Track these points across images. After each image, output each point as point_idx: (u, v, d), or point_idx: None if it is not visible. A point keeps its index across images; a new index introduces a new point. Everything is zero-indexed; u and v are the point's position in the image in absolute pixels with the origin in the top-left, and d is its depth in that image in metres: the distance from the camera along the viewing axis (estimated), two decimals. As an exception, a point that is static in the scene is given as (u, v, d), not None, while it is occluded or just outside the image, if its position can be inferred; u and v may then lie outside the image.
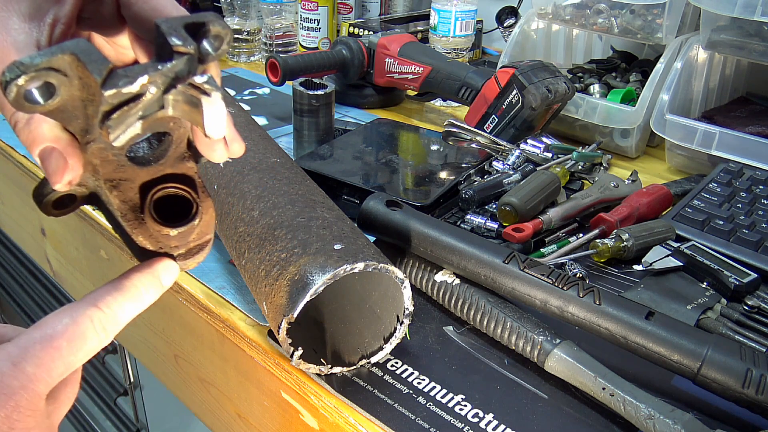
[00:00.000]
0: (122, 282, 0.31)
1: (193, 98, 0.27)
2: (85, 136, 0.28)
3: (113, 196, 0.30)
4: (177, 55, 0.26)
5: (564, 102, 0.81)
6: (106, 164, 0.29)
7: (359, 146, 0.73)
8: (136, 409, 0.94)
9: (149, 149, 0.30)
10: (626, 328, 0.42)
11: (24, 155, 0.75)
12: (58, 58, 0.25)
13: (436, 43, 1.03)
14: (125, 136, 0.26)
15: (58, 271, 0.80)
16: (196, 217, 0.31)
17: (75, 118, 0.27)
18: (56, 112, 0.26)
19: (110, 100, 0.25)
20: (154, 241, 0.31)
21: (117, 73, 0.25)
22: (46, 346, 0.28)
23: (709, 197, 0.65)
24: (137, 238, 0.31)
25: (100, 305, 0.30)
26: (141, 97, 0.26)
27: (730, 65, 0.88)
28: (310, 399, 0.43)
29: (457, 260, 0.49)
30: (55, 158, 0.28)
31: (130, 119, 0.26)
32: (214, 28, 0.27)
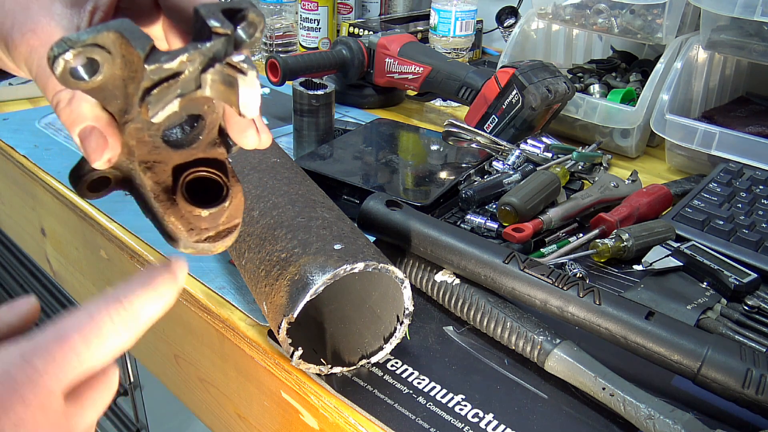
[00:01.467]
0: (143, 278, 0.30)
1: (229, 77, 0.28)
2: (123, 116, 0.29)
3: (147, 178, 0.31)
4: (215, 36, 0.27)
5: (564, 102, 0.81)
6: (141, 145, 0.30)
7: (359, 146, 0.73)
8: (136, 409, 0.94)
9: (183, 133, 0.31)
10: (626, 328, 0.42)
11: (24, 155, 0.75)
12: (103, 34, 0.26)
13: (436, 43, 1.03)
14: (164, 113, 0.28)
15: (58, 271, 0.80)
16: (226, 199, 0.32)
17: (115, 97, 0.28)
18: (98, 90, 0.27)
19: (151, 76, 0.27)
20: (186, 222, 0.32)
21: (158, 51, 0.27)
22: (59, 340, 0.27)
23: (709, 197, 0.65)
24: (169, 218, 0.31)
25: (121, 300, 0.29)
26: (180, 75, 0.27)
27: (730, 65, 0.88)
28: (310, 399, 0.43)
29: (457, 260, 0.49)
30: (96, 137, 0.29)
31: (168, 96, 0.27)
32: (249, 15, 0.29)
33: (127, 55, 0.27)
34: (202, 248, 0.33)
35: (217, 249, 0.33)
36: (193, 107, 0.30)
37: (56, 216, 0.72)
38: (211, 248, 0.33)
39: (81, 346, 0.27)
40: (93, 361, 0.28)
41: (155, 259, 0.57)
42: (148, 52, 0.26)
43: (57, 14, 0.31)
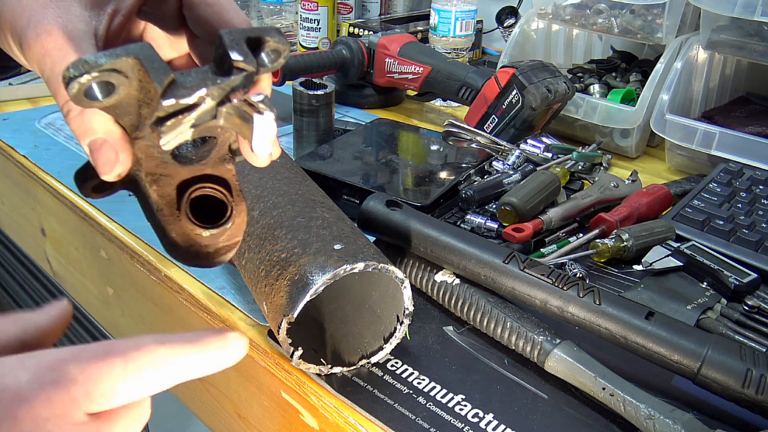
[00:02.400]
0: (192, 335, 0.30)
1: (245, 114, 0.28)
2: (134, 131, 0.29)
3: (152, 190, 0.30)
4: (236, 71, 0.27)
5: (564, 102, 0.81)
6: (150, 159, 0.30)
7: (359, 146, 0.73)
8: (136, 409, 0.94)
9: (193, 148, 0.31)
10: (626, 328, 0.42)
11: (24, 155, 0.75)
12: (122, 60, 0.25)
13: (436, 43, 1.03)
14: (175, 141, 0.28)
15: (58, 271, 0.80)
16: (229, 220, 0.32)
17: (128, 114, 0.28)
18: (111, 108, 0.27)
19: (168, 109, 0.26)
20: (186, 238, 0.32)
21: (176, 83, 0.26)
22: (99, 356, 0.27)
23: (709, 197, 0.65)
24: (170, 232, 0.31)
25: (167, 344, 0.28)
26: (196, 107, 0.27)
27: (730, 65, 0.88)
28: (310, 399, 0.43)
29: (457, 260, 0.49)
30: (106, 151, 0.28)
31: (182, 126, 0.27)
32: (274, 43, 0.28)
33: (144, 82, 0.26)
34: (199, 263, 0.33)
35: (213, 265, 0.33)
36: (206, 133, 0.29)
37: (56, 216, 0.72)
38: (207, 264, 0.33)
39: (119, 368, 0.27)
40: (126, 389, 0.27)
41: (155, 259, 0.57)
42: (167, 86, 0.26)
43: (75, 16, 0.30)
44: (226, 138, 0.31)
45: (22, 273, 1.05)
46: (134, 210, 0.64)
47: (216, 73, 0.28)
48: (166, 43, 0.37)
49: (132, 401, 0.28)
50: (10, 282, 1.12)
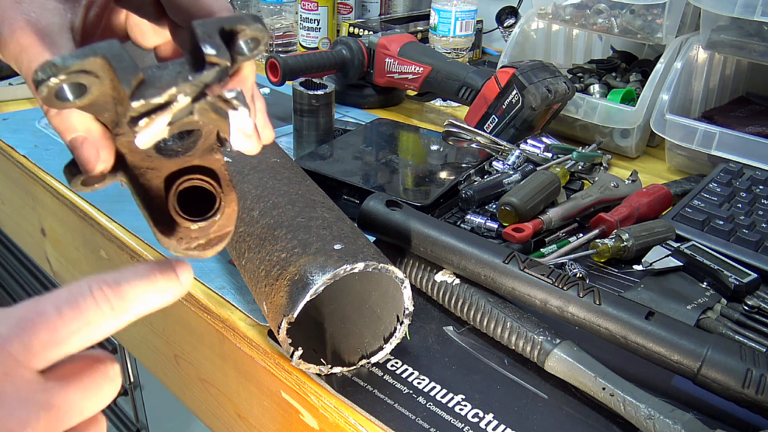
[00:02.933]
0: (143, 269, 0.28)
1: (220, 109, 0.27)
2: (114, 127, 0.28)
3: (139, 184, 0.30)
4: (209, 65, 0.26)
5: (564, 102, 0.81)
6: (134, 154, 0.29)
7: (359, 146, 0.73)
8: (136, 409, 0.94)
9: (178, 140, 0.30)
10: (626, 328, 0.42)
11: (24, 155, 0.75)
12: (90, 60, 0.25)
13: (436, 43, 1.03)
14: (152, 139, 0.27)
15: (58, 271, 0.80)
16: (218, 212, 0.31)
17: (105, 111, 0.27)
18: (87, 107, 0.27)
19: (139, 109, 0.26)
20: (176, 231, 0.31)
21: (146, 83, 0.26)
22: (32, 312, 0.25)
23: (709, 197, 0.65)
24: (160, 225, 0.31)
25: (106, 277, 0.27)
26: (169, 105, 0.26)
27: (730, 65, 0.88)
28: (310, 399, 0.43)
29: (457, 260, 0.49)
30: (87, 148, 0.28)
31: (157, 124, 0.26)
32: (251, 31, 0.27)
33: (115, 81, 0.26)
34: (192, 255, 0.32)
35: (206, 255, 0.33)
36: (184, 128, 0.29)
37: (56, 216, 0.72)
38: (200, 255, 0.32)
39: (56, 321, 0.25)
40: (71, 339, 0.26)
41: (155, 259, 0.57)
42: (135, 87, 0.25)
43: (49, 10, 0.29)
44: (211, 129, 0.30)
45: (22, 273, 1.05)
46: (134, 210, 0.64)
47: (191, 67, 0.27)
48: (149, 29, 0.36)
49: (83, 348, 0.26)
50: (10, 282, 1.12)
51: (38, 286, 1.02)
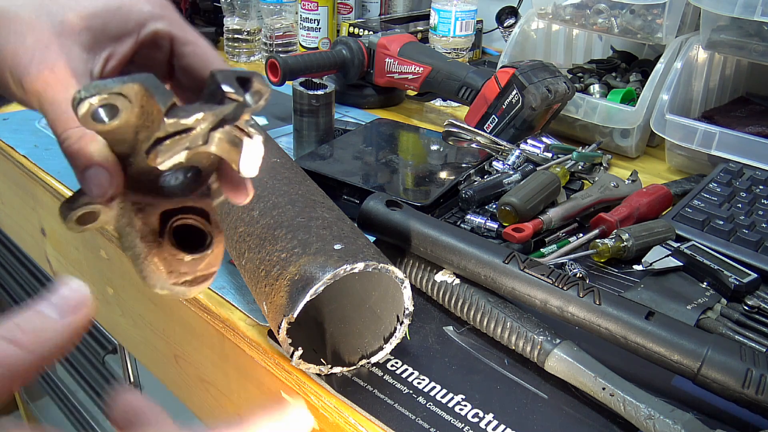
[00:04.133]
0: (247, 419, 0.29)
1: (235, 139, 0.30)
2: (125, 159, 0.31)
3: (137, 218, 0.32)
4: (228, 101, 0.30)
5: (564, 102, 0.81)
6: (137, 188, 0.32)
7: (359, 146, 0.73)
8: (136, 409, 0.94)
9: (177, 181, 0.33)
10: (626, 328, 0.42)
11: (24, 155, 0.75)
12: (129, 86, 0.28)
13: (436, 43, 1.03)
14: (170, 162, 0.30)
15: (58, 271, 0.80)
16: (209, 247, 0.33)
17: (123, 142, 0.30)
18: (110, 133, 0.29)
19: (168, 128, 0.29)
20: (167, 265, 0.33)
21: (177, 107, 0.29)
22: None
23: (709, 197, 0.65)
24: (152, 259, 0.32)
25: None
26: (192, 130, 0.29)
27: (730, 65, 0.88)
28: (310, 399, 0.43)
29: (457, 260, 0.49)
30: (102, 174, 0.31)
31: (177, 148, 0.29)
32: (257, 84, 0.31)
33: (146, 107, 0.29)
34: (177, 291, 0.33)
35: (191, 293, 0.34)
36: (196, 159, 0.32)
37: (56, 216, 0.72)
38: (186, 292, 0.34)
39: None
40: None
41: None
42: (169, 108, 0.29)
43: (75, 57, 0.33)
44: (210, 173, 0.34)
45: (22, 273, 1.05)
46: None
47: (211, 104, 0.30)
48: None
49: None
50: (10, 282, 1.12)
51: (38, 286, 1.01)
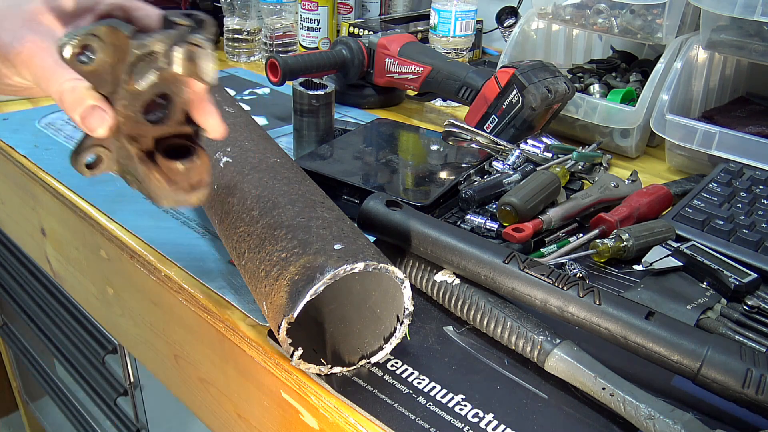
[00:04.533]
0: None
1: (191, 54, 0.37)
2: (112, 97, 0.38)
3: (133, 147, 0.40)
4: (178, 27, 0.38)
5: (564, 102, 0.81)
6: (127, 121, 0.39)
7: (359, 146, 0.73)
8: (136, 409, 0.94)
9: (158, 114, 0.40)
10: (626, 328, 0.42)
11: (24, 155, 0.75)
12: (98, 27, 0.36)
13: (436, 43, 1.03)
14: (145, 81, 0.37)
15: (58, 271, 0.80)
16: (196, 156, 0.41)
17: (106, 82, 0.37)
18: (93, 73, 0.37)
19: (135, 51, 0.36)
20: (166, 177, 0.40)
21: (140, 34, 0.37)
22: None
23: (709, 197, 0.65)
24: (153, 175, 0.40)
25: None
26: (156, 54, 0.37)
27: (730, 65, 0.88)
28: (310, 399, 0.43)
29: (457, 260, 0.49)
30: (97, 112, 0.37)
31: (148, 69, 0.37)
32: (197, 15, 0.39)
33: (116, 42, 0.36)
34: (181, 199, 0.42)
35: (191, 199, 0.42)
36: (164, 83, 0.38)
37: (56, 216, 0.72)
38: (188, 199, 0.42)
39: None
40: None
41: (155, 259, 0.57)
42: (132, 34, 0.36)
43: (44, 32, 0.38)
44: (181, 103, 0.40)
45: (22, 273, 1.05)
46: (134, 210, 0.64)
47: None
48: None
49: None
50: (10, 282, 1.12)
51: (38, 286, 1.01)
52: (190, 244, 0.59)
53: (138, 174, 0.41)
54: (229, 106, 0.62)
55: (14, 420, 1.72)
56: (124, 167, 0.42)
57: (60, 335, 1.01)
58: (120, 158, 0.41)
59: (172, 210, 0.65)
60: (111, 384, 0.95)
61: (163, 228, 0.61)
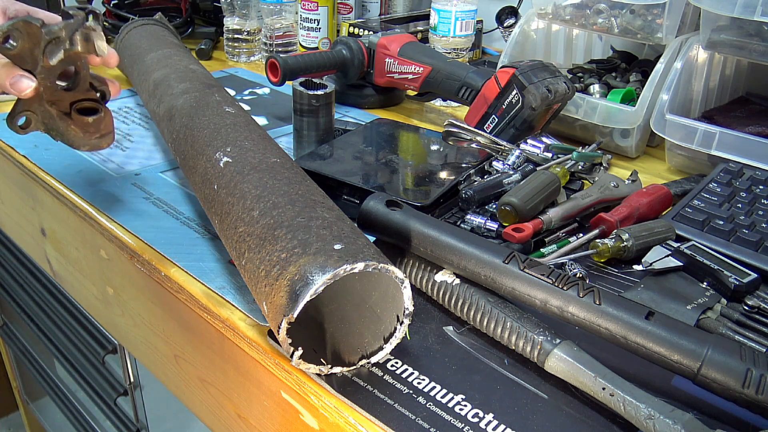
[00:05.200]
0: None
1: (88, 36, 0.53)
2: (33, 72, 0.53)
3: (53, 109, 0.56)
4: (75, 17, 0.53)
5: (564, 102, 0.81)
6: (46, 90, 0.55)
7: (359, 146, 0.73)
8: (136, 409, 0.94)
9: (69, 84, 0.57)
10: (626, 328, 0.42)
11: (24, 155, 0.75)
12: (17, 22, 0.51)
13: (436, 43, 1.03)
14: (56, 58, 0.53)
15: (58, 271, 0.80)
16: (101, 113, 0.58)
17: (27, 62, 0.53)
18: (17, 57, 0.53)
19: (46, 36, 0.52)
20: (80, 128, 0.57)
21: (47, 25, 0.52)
22: None
23: (709, 197, 0.65)
24: (70, 128, 0.57)
25: None
26: (61, 38, 0.52)
27: (730, 65, 0.89)
28: (310, 399, 0.43)
29: (457, 260, 0.49)
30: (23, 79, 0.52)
31: (57, 49, 0.52)
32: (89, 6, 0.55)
33: (30, 32, 0.51)
34: (93, 143, 0.59)
35: (102, 144, 0.59)
36: (69, 60, 0.54)
37: (56, 216, 0.72)
38: (100, 143, 0.59)
39: None
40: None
41: (156, 259, 0.57)
42: (42, 25, 0.51)
43: None
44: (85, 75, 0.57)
45: (22, 273, 1.05)
46: (134, 210, 0.64)
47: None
48: None
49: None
50: (10, 282, 1.12)
51: (38, 286, 1.01)
52: (190, 244, 0.59)
53: (59, 129, 0.57)
54: (229, 106, 0.62)
55: (14, 420, 1.72)
56: (48, 126, 0.58)
57: (60, 335, 1.01)
58: (45, 119, 0.57)
59: (172, 210, 0.65)
60: (111, 384, 0.95)
61: (163, 228, 0.61)
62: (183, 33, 1.25)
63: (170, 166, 0.75)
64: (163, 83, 0.70)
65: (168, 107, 0.65)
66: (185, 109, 0.62)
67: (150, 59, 0.77)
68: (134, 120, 0.89)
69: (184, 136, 0.59)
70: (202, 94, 0.65)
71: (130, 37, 0.88)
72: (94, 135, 0.58)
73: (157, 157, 0.78)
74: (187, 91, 0.66)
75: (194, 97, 0.64)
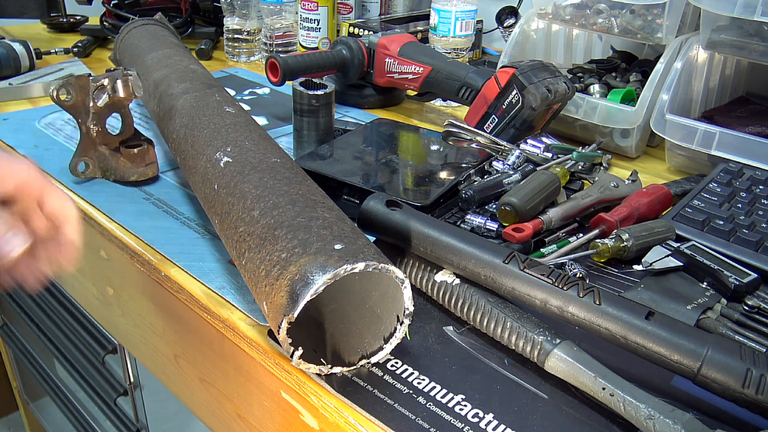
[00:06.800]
0: None
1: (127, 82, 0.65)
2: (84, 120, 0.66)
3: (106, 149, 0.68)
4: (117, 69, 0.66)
5: (564, 102, 0.81)
6: (99, 135, 0.67)
7: (359, 146, 0.73)
8: (136, 409, 0.94)
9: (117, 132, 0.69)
10: (626, 328, 0.42)
11: (24, 155, 0.75)
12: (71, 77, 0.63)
13: (436, 43, 1.03)
14: (102, 101, 0.65)
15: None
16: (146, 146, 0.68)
17: (80, 112, 0.66)
18: (72, 107, 0.65)
19: (93, 83, 0.64)
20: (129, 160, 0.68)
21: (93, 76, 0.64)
22: None
23: (709, 197, 0.65)
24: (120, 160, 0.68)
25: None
26: (105, 85, 0.65)
27: (730, 65, 0.89)
28: (310, 399, 0.43)
29: (457, 260, 0.49)
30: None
31: (102, 95, 0.65)
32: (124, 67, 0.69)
33: (81, 85, 0.64)
34: (141, 171, 0.68)
35: (149, 172, 0.69)
36: (114, 106, 0.67)
37: (56, 216, 0.72)
38: (146, 171, 0.69)
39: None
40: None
41: (156, 259, 0.57)
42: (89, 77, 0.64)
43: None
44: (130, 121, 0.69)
45: (22, 273, 1.05)
46: (134, 210, 0.64)
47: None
48: None
49: None
50: (10, 282, 1.12)
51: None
52: (190, 244, 0.59)
53: (111, 166, 0.68)
54: (229, 106, 0.62)
55: (14, 420, 1.72)
56: (104, 168, 0.69)
57: (60, 335, 1.00)
58: (100, 163, 0.68)
59: (172, 210, 0.65)
60: (111, 384, 0.95)
61: (163, 228, 0.61)
62: (183, 33, 1.25)
63: (170, 166, 0.75)
64: (163, 83, 0.70)
65: (168, 107, 0.65)
66: (185, 109, 0.62)
67: (150, 59, 0.77)
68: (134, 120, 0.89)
69: (185, 136, 0.59)
70: (203, 94, 0.65)
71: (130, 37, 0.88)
72: (140, 165, 0.67)
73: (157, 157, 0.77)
74: (187, 91, 0.66)
75: (194, 97, 0.64)
